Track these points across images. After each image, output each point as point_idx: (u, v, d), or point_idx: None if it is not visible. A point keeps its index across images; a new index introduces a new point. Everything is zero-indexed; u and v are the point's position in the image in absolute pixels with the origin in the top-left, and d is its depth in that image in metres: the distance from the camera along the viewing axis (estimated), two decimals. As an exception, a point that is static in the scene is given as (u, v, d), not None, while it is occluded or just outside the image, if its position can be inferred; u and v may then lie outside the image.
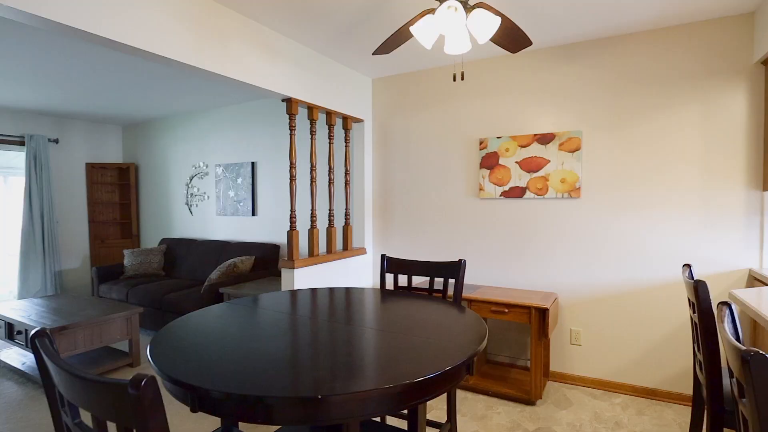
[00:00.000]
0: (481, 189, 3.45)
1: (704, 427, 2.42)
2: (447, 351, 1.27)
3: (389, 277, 3.73)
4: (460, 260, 2.15)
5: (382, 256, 2.40)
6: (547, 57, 3.17)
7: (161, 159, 5.79)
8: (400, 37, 2.05)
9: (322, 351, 1.30)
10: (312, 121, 3.26)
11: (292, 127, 3.05)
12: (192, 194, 5.44)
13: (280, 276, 4.40)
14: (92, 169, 5.82)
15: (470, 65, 3.45)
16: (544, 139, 3.19)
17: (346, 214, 3.73)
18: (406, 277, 3.44)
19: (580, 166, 3.09)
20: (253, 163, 4.84)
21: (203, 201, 5.33)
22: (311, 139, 3.25)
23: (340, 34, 2.93)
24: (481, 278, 3.47)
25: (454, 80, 1.91)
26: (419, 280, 3.64)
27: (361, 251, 3.82)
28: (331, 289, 2.26)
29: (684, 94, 2.76)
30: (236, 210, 4.99)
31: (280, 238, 4.67)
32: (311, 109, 3.25)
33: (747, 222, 2.63)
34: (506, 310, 2.92)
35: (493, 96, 3.38)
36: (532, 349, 2.81)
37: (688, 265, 1.94)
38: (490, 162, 3.41)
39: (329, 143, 3.49)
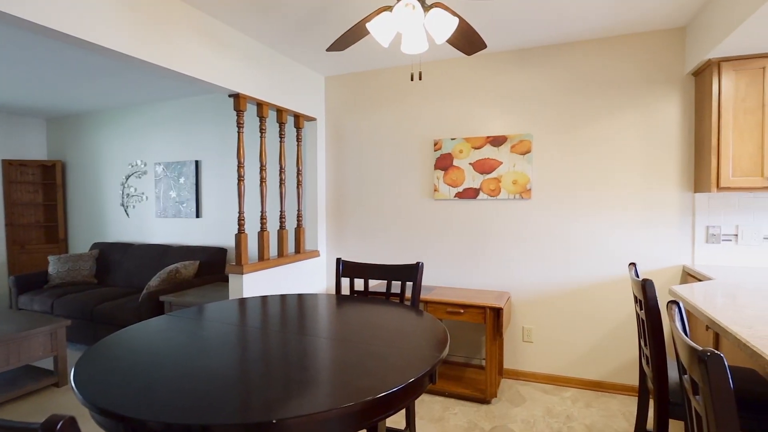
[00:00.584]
0: (435, 190, 3.45)
1: (649, 416, 2.56)
2: (409, 360, 1.22)
3: (345, 282, 3.64)
4: (418, 263, 2.11)
5: (338, 259, 2.31)
6: (500, 61, 3.22)
7: (93, 156, 5.32)
8: (355, 33, 1.98)
9: (274, 367, 1.20)
10: (262, 118, 3.11)
11: (240, 125, 2.88)
12: (128, 195, 5.04)
13: (228, 282, 4.18)
14: (9, 166, 5.23)
15: (425, 66, 3.45)
16: (497, 141, 3.25)
17: (299, 216, 3.60)
18: (362, 280, 3.37)
19: (531, 168, 3.17)
20: (197, 162, 4.56)
21: (141, 202, 4.95)
22: (261, 137, 3.10)
23: (293, 28, 2.81)
24: (437, 279, 3.48)
25: (412, 80, 1.87)
26: (375, 283, 3.58)
27: (314, 254, 3.70)
28: (283, 296, 2.14)
29: (626, 101, 2.90)
30: (178, 211, 4.68)
31: (227, 242, 4.43)
32: (261, 105, 3.09)
33: (681, 221, 2.81)
34: (462, 311, 2.93)
35: (448, 97, 3.39)
36: (487, 348, 2.84)
37: (633, 264, 2.03)
38: (444, 163, 3.42)
39: (280, 142, 3.35)
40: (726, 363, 0.88)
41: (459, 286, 3.40)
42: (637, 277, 1.85)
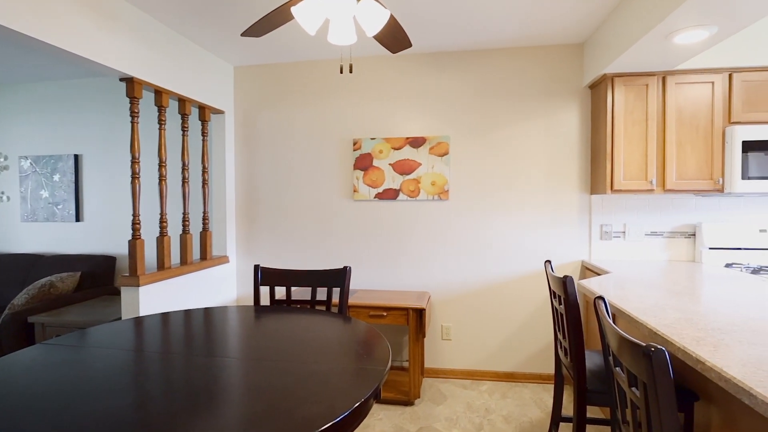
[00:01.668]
0: (355, 191, 3.36)
1: (563, 401, 2.74)
2: (353, 378, 1.10)
3: (264, 290, 3.38)
4: (345, 267, 2.00)
5: (256, 266, 2.10)
6: (419, 62, 3.24)
7: (-73, 147, 4.26)
8: (277, 18, 1.80)
9: (189, 405, 1.00)
10: (161, 108, 2.73)
11: (134, 114, 2.49)
12: (-19, 195, 4.14)
13: (118, 295, 3.64)
14: None
15: (345, 62, 3.34)
16: (416, 142, 3.26)
17: (204, 218, 3.25)
18: (284, 289, 3.15)
19: (449, 170, 3.23)
20: (76, 156, 3.90)
21: (1, 203, 4.09)
22: (160, 129, 2.72)
23: (198, 9, 2.50)
24: (358, 282, 3.39)
25: (341, 72, 1.75)
26: (296, 290, 3.37)
27: (223, 260, 3.38)
28: (191, 312, 1.88)
29: (533, 108, 3.10)
30: (52, 214, 3.95)
31: (117, 249, 3.85)
32: (160, 93, 2.71)
33: (579, 220, 3.08)
34: (385, 314, 2.88)
35: (368, 96, 3.33)
36: (410, 349, 2.82)
37: (549, 261, 2.14)
38: (364, 163, 3.35)
39: (183, 136, 2.98)
40: (668, 357, 0.92)
41: (380, 288, 3.35)
42: (555, 274, 1.95)
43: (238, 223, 3.56)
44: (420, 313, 2.86)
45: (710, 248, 2.80)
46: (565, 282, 1.74)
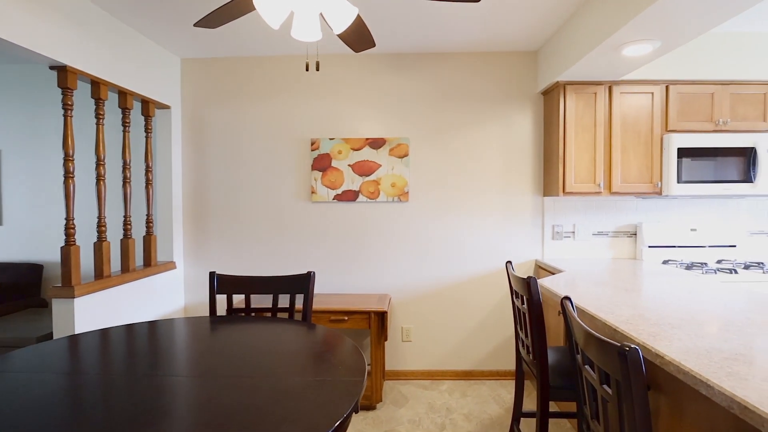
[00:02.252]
0: (313, 192, 3.27)
1: (524, 396, 2.81)
2: (329, 392, 1.05)
3: (221, 299, 3.19)
4: (309, 272, 1.92)
5: (212, 273, 1.97)
6: (380, 63, 3.22)
7: None
8: (236, 9, 1.70)
9: None
10: (99, 101, 2.50)
11: (67, 106, 2.26)
12: None
13: (46, 308, 3.29)
14: None
15: (304, 60, 3.24)
16: (376, 143, 3.23)
17: (148, 222, 3.02)
18: (242, 296, 2.99)
19: (409, 172, 3.24)
20: (-6, 153, 3.48)
21: None
22: (98, 124, 2.49)
23: (143, -6, 2.31)
24: (317, 286, 3.30)
25: (307, 69, 1.67)
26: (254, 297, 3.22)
27: (170, 266, 3.16)
28: (137, 326, 1.72)
29: (490, 112, 3.18)
30: (-36, 218, 3.50)
31: (45, 256, 3.48)
32: (98, 85, 2.48)
33: (533, 222, 3.20)
34: (346, 318, 2.82)
35: (327, 95, 3.25)
36: (372, 353, 2.79)
37: (509, 262, 2.19)
38: (322, 164, 3.27)
39: (123, 132, 2.75)
40: (641, 355, 0.96)
41: (340, 291, 3.29)
42: (518, 275, 2.00)
43: (186, 226, 3.34)
44: (382, 316, 2.83)
45: (649, 246, 3.01)
46: (529, 283, 1.79)
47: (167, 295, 3.14)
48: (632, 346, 0.96)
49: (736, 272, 2.52)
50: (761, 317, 1.58)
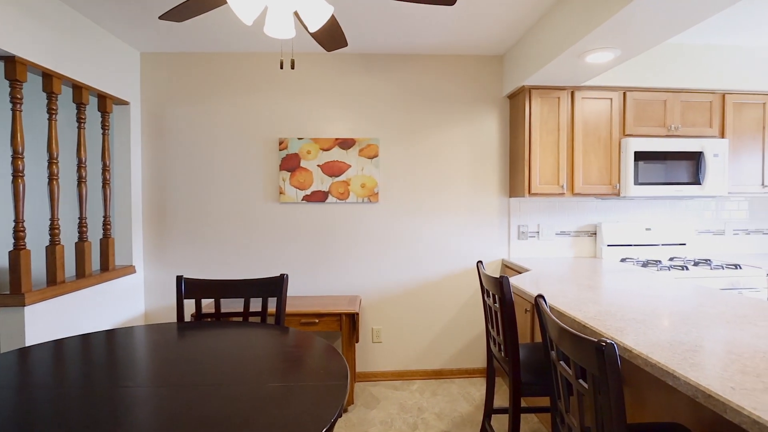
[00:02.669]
0: (281, 192, 3.20)
1: (495, 392, 2.86)
2: (314, 396, 1.03)
3: (188, 304, 3.05)
4: (282, 275, 1.88)
5: (179, 278, 1.88)
6: (350, 63, 3.20)
7: None
8: (206, 2, 1.64)
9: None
10: (51, 95, 2.34)
11: (16, 100, 2.10)
12: None
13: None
14: None
15: (271, 57, 3.17)
16: (346, 144, 3.21)
17: (106, 224, 2.86)
18: (211, 301, 2.89)
19: (378, 173, 3.24)
20: (-74, 149, 3.18)
21: None
22: (50, 120, 2.33)
23: (101, -17, 2.18)
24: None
25: (281, 68, 1.64)
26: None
27: (129, 270, 3.00)
28: (88, 337, 1.62)
29: (458, 114, 3.24)
30: None
31: (-13, 261, 3.22)
32: (50, 78, 2.32)
33: (500, 222, 3.29)
34: (317, 321, 2.79)
35: (296, 94, 3.19)
36: (343, 355, 2.76)
37: (480, 262, 2.24)
38: (291, 164, 3.21)
39: (78, 128, 2.59)
40: (617, 350, 1.00)
41: (310, 293, 3.24)
42: (486, 272, 2.04)
43: (147, 228, 3.19)
44: (353, 317, 2.81)
45: (608, 245, 3.17)
46: (502, 282, 1.83)
47: (126, 301, 2.98)
48: (608, 341, 1.00)
49: (687, 269, 2.69)
50: (713, 310, 1.70)
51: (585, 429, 1.15)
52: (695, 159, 2.89)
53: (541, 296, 1.43)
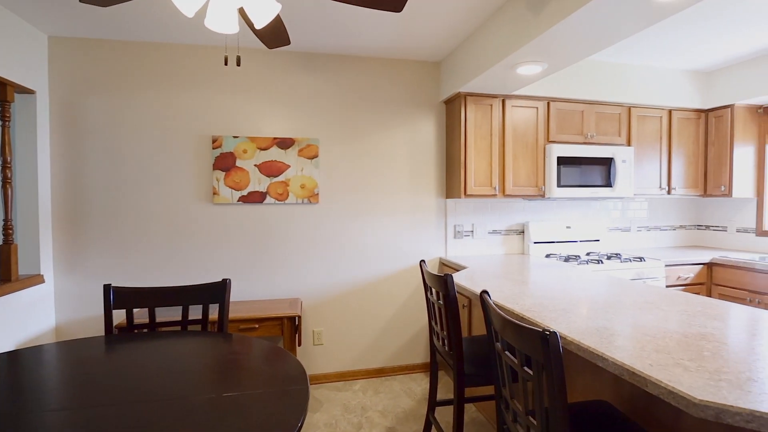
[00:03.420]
0: (215, 193, 3.05)
1: (438, 385, 2.95)
2: (276, 403, 1.00)
3: (118, 315, 2.78)
4: (225, 280, 1.80)
5: (107, 287, 1.72)
6: (290, 61, 3.13)
7: None
8: (139, -13, 1.51)
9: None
10: (-62, 79, 2.01)
11: None
12: None
13: None
14: None
15: (209, 51, 3.00)
16: (284, 143, 3.14)
17: (7, 228, 2.53)
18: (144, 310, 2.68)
19: (319, 173, 3.21)
20: None
21: None
22: (-64, 108, 2.00)
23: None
24: (220, 294, 3.08)
25: (226, 64, 1.56)
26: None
27: (36, 280, 2.67)
28: (21, 354, 1.44)
29: (398, 117, 3.31)
30: None
31: None
32: (-64, 59, 2.00)
33: (437, 222, 3.41)
34: (257, 326, 2.69)
35: (232, 90, 3.06)
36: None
37: (423, 261, 2.31)
38: (225, 163, 3.07)
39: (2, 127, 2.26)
40: (559, 337, 1.10)
41: (249, 298, 3.12)
42: (429, 271, 2.12)
43: (57, 232, 2.86)
44: (294, 320, 2.76)
45: (535, 242, 3.43)
46: (446, 279, 1.91)
47: (34, 315, 2.65)
48: (552, 330, 1.09)
49: (602, 262, 3.00)
50: (627, 298, 1.92)
51: (529, 412, 1.24)
52: (607, 164, 3.23)
53: (485, 292, 1.52)
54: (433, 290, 2.12)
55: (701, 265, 3.25)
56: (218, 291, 1.80)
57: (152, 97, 2.95)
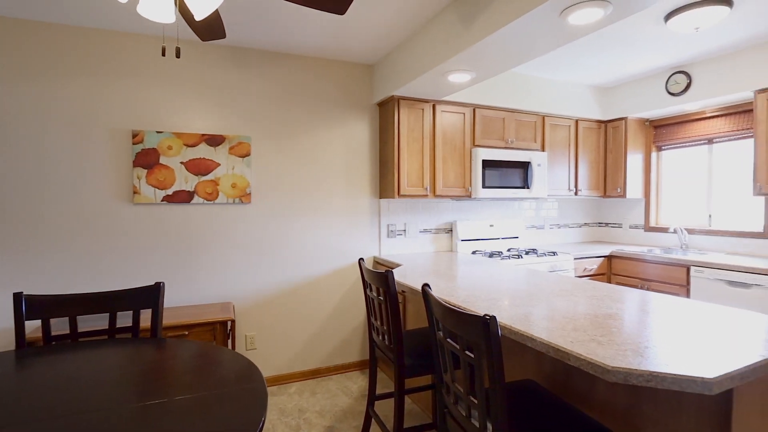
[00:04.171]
0: (136, 192, 2.83)
1: (377, 380, 3.00)
2: (233, 403, 0.99)
3: (32, 326, 2.43)
4: (158, 283, 1.70)
5: (17, 295, 1.54)
6: (221, 55, 3.00)
7: None
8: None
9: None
10: None
11: None
12: None
13: None
14: None
15: (130, 38, 2.77)
16: (214, 140, 3.01)
17: None
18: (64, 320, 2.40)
19: (251, 172, 3.12)
20: None
21: None
22: None
23: None
24: (142, 301, 2.86)
25: (163, 55, 1.47)
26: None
27: None
28: None
29: (334, 118, 3.33)
30: None
31: None
32: None
33: (371, 222, 3.49)
34: (186, 333, 2.56)
35: (155, 83, 2.86)
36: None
37: (362, 259, 2.37)
38: (147, 160, 2.86)
39: None
40: (498, 322, 1.22)
41: (177, 304, 2.94)
42: (369, 268, 2.18)
43: (-63, 237, 2.46)
44: (227, 325, 2.66)
45: (462, 240, 3.65)
46: (387, 276, 1.98)
47: None
48: (492, 315, 1.21)
49: (521, 257, 3.29)
50: (547, 288, 2.14)
51: (470, 392, 1.35)
52: (525, 168, 3.54)
53: (427, 285, 1.62)
54: (373, 287, 2.18)
55: (602, 258, 3.70)
56: (151, 295, 1.69)
57: (63, 85, 2.66)
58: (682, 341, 1.32)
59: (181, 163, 2.94)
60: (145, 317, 2.57)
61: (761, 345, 1.27)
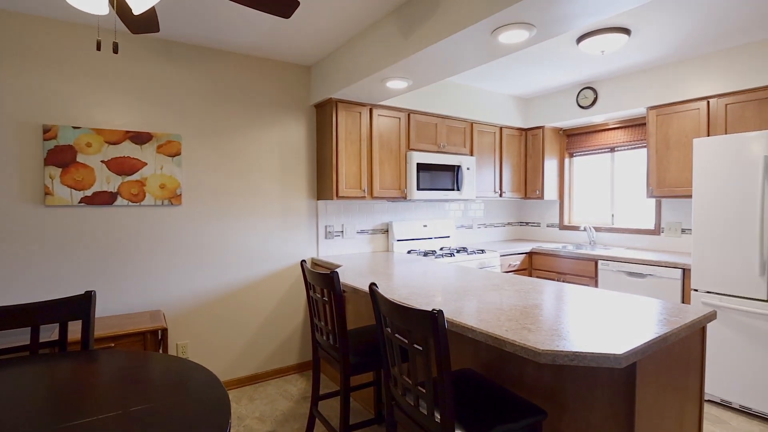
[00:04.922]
0: (48, 193, 2.57)
1: (303, 383, 2.99)
2: (195, 414, 0.98)
3: None
4: (89, 292, 1.59)
5: None
6: (148, 47, 2.82)
7: None
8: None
9: None
10: None
11: None
12: None
13: None
14: None
15: (45, 23, 2.50)
16: (140, 138, 2.83)
17: None
18: None
19: (181, 172, 2.97)
20: None
21: None
22: None
23: None
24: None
25: (98, 49, 1.37)
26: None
27: None
28: None
29: (269, 118, 3.28)
30: None
31: None
32: None
33: (309, 223, 3.49)
34: (113, 344, 2.38)
35: (71, 73, 2.61)
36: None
37: (304, 261, 2.38)
38: (62, 158, 2.61)
39: None
40: (444, 315, 1.32)
41: (100, 314, 2.71)
42: (312, 269, 2.20)
43: None
44: (158, 334, 2.52)
45: (398, 240, 3.78)
46: (333, 277, 2.02)
47: None
48: (439, 309, 1.31)
49: (453, 255, 3.49)
50: (479, 283, 2.32)
51: (418, 383, 1.45)
52: (455, 171, 3.77)
53: (374, 284, 1.69)
54: (317, 288, 2.21)
55: (524, 254, 4.04)
56: (80, 305, 1.56)
57: (-48, 71, 2.34)
58: (595, 325, 1.53)
59: (102, 161, 2.72)
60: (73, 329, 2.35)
61: (656, 325, 1.52)
